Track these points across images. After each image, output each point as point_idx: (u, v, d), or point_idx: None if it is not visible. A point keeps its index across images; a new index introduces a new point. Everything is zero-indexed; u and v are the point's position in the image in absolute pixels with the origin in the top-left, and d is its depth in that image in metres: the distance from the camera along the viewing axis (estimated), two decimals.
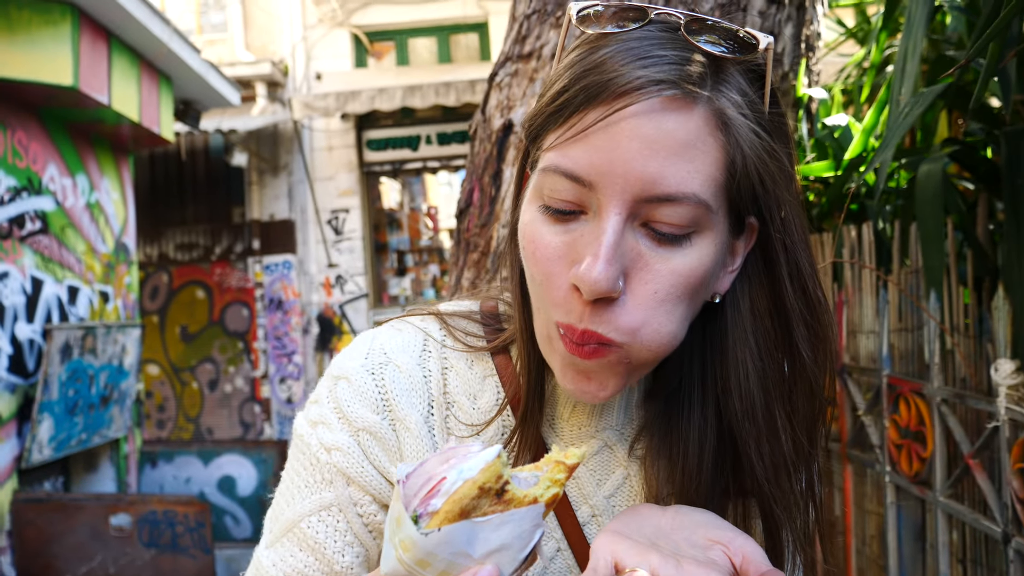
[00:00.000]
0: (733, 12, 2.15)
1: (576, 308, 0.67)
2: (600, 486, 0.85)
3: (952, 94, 1.84)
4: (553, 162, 0.67)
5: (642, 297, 0.66)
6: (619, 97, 0.63)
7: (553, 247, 0.68)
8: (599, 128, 0.64)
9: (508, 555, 0.57)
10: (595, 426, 0.84)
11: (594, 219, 0.66)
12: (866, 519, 2.07)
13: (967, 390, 1.59)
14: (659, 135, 0.63)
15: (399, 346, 0.85)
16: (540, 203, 0.70)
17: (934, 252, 1.60)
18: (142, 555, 4.52)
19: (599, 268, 0.63)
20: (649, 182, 0.63)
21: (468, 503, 0.55)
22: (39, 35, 4.48)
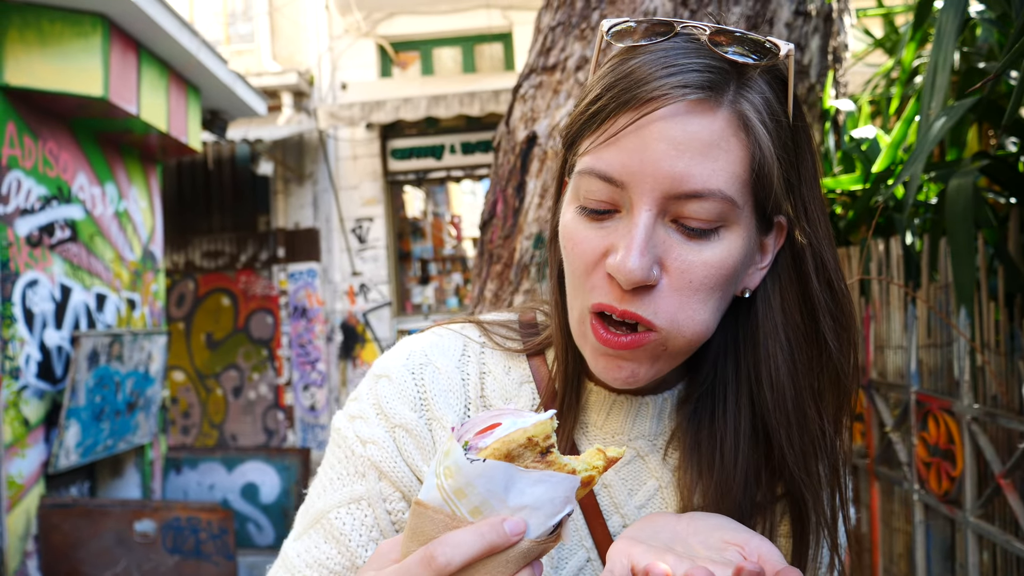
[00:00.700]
0: (760, 24, 2.14)
1: (615, 291, 0.71)
2: (632, 496, 0.86)
3: (983, 107, 1.81)
4: (588, 165, 0.72)
5: (677, 286, 0.70)
6: (647, 103, 0.68)
7: (590, 242, 0.73)
8: (629, 132, 0.69)
9: (537, 516, 0.59)
10: (627, 434, 0.86)
11: (627, 216, 0.71)
12: (894, 537, 2.04)
13: (998, 408, 1.56)
14: (685, 136, 0.68)
15: (440, 349, 0.88)
16: (578, 204, 0.75)
17: (965, 267, 1.57)
18: (166, 561, 4.56)
19: (633, 258, 0.68)
20: (677, 180, 0.68)
21: (515, 448, 0.58)
22: (70, 47, 4.56)
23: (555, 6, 2.32)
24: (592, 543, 0.84)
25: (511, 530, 0.57)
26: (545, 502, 0.59)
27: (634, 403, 0.86)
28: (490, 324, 0.92)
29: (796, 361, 0.77)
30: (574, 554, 0.85)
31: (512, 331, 0.92)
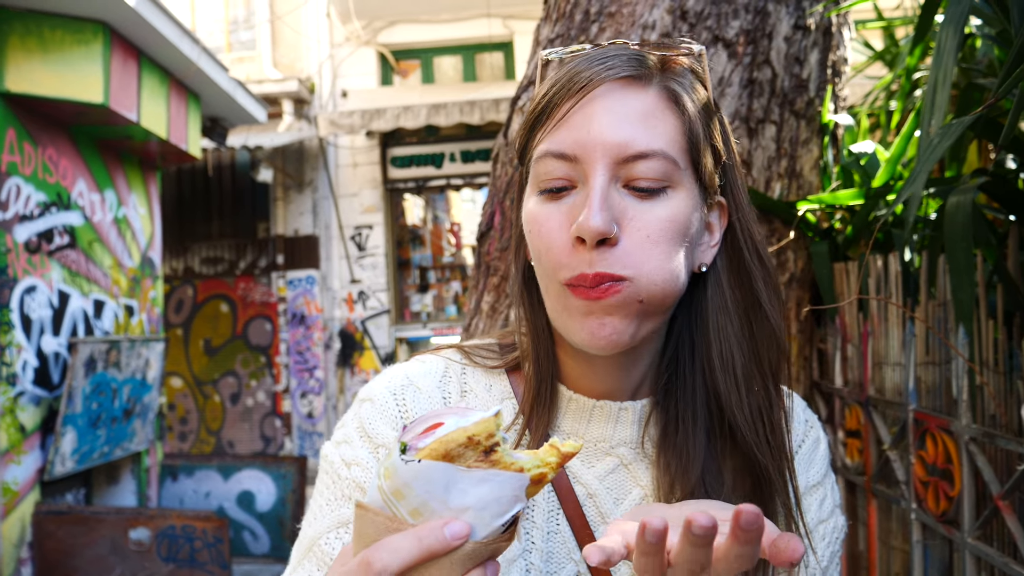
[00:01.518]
0: (759, 38, 2.14)
1: (584, 257, 0.75)
2: (618, 505, 0.86)
3: (982, 124, 1.80)
4: (543, 150, 0.79)
5: (637, 241, 0.76)
6: (586, 87, 0.78)
7: (553, 219, 0.78)
8: (574, 112, 0.77)
9: (482, 517, 0.57)
10: (609, 442, 0.87)
11: (583, 188, 0.77)
12: (891, 555, 2.02)
13: (996, 429, 1.54)
14: (623, 108, 0.77)
15: (421, 372, 0.91)
16: (537, 190, 0.81)
17: (964, 285, 1.56)
18: (160, 569, 4.53)
19: (594, 214, 0.73)
20: (623, 145, 0.76)
21: (454, 448, 0.56)
22: (71, 54, 4.56)
23: (554, 19, 2.32)
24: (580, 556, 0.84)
25: (451, 534, 0.55)
26: (490, 502, 0.57)
27: (613, 409, 0.87)
28: (471, 347, 0.95)
29: (742, 329, 0.83)
30: (563, 568, 0.85)
31: (492, 352, 0.95)
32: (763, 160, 2.16)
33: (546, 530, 0.85)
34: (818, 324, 2.40)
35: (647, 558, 0.57)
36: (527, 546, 0.85)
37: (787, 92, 2.19)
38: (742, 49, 2.15)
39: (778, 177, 2.19)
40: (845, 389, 2.19)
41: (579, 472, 0.87)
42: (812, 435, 0.92)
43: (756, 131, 2.16)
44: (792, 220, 2.14)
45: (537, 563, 0.84)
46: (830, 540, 0.87)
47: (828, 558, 0.87)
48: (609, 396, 0.87)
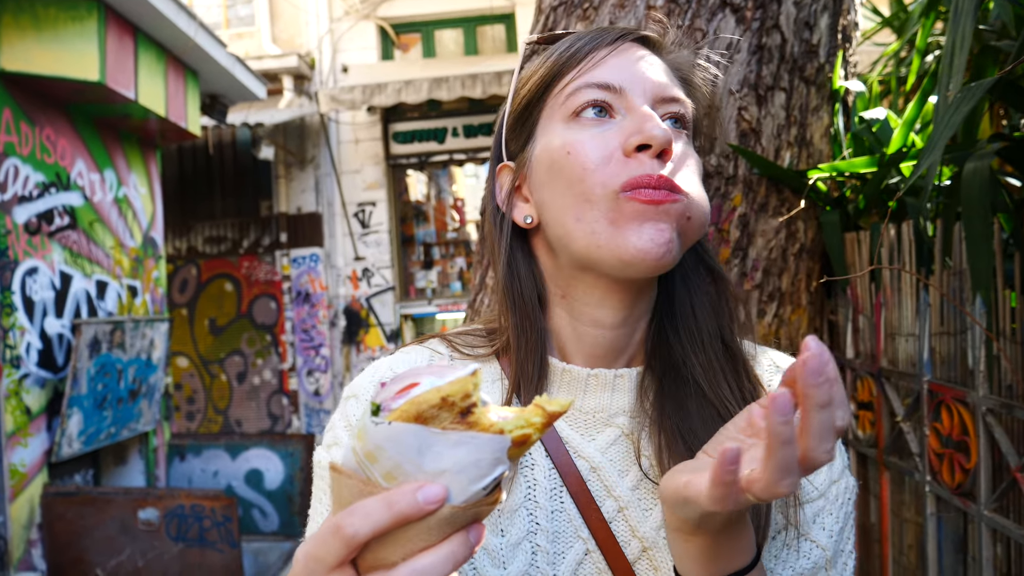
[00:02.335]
0: (767, 3, 2.08)
1: (645, 163, 0.76)
2: (623, 476, 0.83)
3: (1000, 88, 1.75)
4: (583, 82, 0.82)
5: (680, 167, 0.79)
6: (615, 40, 0.85)
7: (599, 138, 0.79)
8: (610, 57, 0.83)
9: (459, 481, 0.54)
10: (608, 411, 0.85)
11: (627, 116, 0.80)
12: (904, 528, 2.00)
13: (1014, 399, 1.51)
14: (652, 61, 0.84)
15: (405, 363, 0.90)
16: (568, 119, 0.82)
17: (981, 253, 1.52)
18: (170, 549, 4.55)
19: (656, 124, 0.77)
20: (661, 87, 0.82)
21: (427, 410, 0.54)
22: (65, 31, 4.50)
23: None
24: (588, 532, 0.81)
25: (425, 499, 0.52)
26: (468, 465, 0.54)
27: (609, 377, 0.85)
28: (455, 336, 0.94)
29: (706, 293, 0.88)
30: (571, 547, 0.82)
31: (479, 337, 0.93)
32: (772, 128, 2.11)
33: (550, 509, 0.83)
34: (829, 295, 2.36)
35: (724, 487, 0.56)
36: (531, 527, 0.82)
37: (797, 58, 2.14)
38: (751, 14, 2.09)
39: (788, 146, 2.14)
40: (857, 361, 2.16)
41: (580, 446, 0.84)
42: None
43: (765, 98, 2.10)
44: (802, 189, 2.09)
45: (544, 544, 0.81)
46: (843, 501, 0.85)
47: (843, 519, 0.84)
48: (603, 365, 0.86)
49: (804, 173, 2.09)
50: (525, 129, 0.87)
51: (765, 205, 2.12)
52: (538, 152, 0.84)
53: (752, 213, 2.11)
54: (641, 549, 0.81)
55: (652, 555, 0.81)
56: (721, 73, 0.91)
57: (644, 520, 0.82)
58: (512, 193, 0.88)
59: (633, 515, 0.82)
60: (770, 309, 2.15)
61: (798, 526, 0.81)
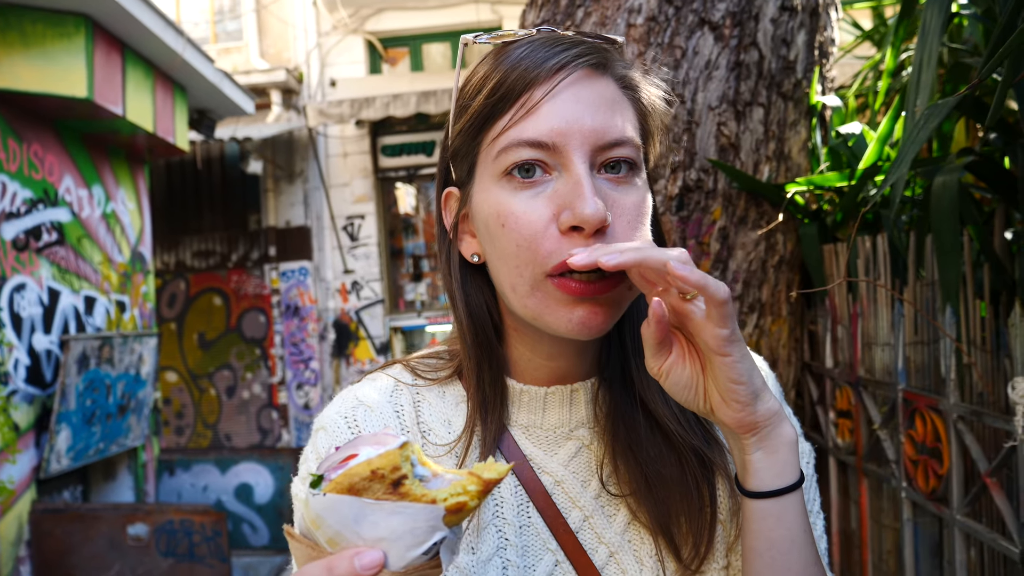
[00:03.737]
0: (745, 20, 2.13)
1: (578, 242, 0.74)
2: (586, 487, 0.87)
3: (969, 104, 1.80)
4: (514, 138, 0.76)
5: (620, 227, 0.77)
6: (555, 74, 0.76)
7: (534, 212, 0.76)
8: (546, 100, 0.76)
9: (397, 547, 0.57)
10: (568, 425, 0.89)
11: (562, 175, 0.76)
12: (883, 533, 2.04)
13: (984, 407, 1.55)
14: (593, 96, 0.77)
15: (370, 391, 0.91)
16: (501, 175, 0.78)
17: (950, 265, 1.57)
18: (159, 564, 4.54)
19: (590, 202, 0.72)
20: (599, 132, 0.76)
21: (358, 482, 0.57)
22: (53, 48, 4.52)
23: (539, 4, 2.31)
24: (557, 544, 0.85)
25: (361, 564, 0.55)
26: (403, 533, 0.57)
27: (566, 392, 0.88)
28: (417, 361, 0.95)
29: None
30: (541, 559, 0.85)
31: (441, 359, 0.95)
32: (751, 143, 2.16)
33: (518, 524, 0.86)
34: (808, 306, 2.41)
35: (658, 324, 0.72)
36: (501, 543, 0.85)
37: (774, 74, 2.19)
38: (728, 32, 2.14)
39: (766, 160, 2.19)
40: (836, 370, 2.20)
41: (543, 462, 0.87)
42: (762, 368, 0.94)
43: (744, 114, 2.15)
44: (781, 202, 2.14)
45: (514, 559, 0.84)
46: (804, 461, 0.90)
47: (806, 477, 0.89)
48: (560, 381, 0.89)
49: (782, 187, 2.14)
50: (466, 161, 0.84)
51: (744, 218, 2.16)
52: (476, 201, 0.82)
53: (732, 226, 2.15)
54: (608, 554, 0.85)
55: (619, 559, 0.85)
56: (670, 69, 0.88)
57: (609, 527, 0.86)
58: (459, 223, 0.87)
59: (598, 523, 0.86)
60: (751, 320, 2.19)
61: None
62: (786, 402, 0.98)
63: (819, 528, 0.89)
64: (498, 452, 0.87)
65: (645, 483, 0.84)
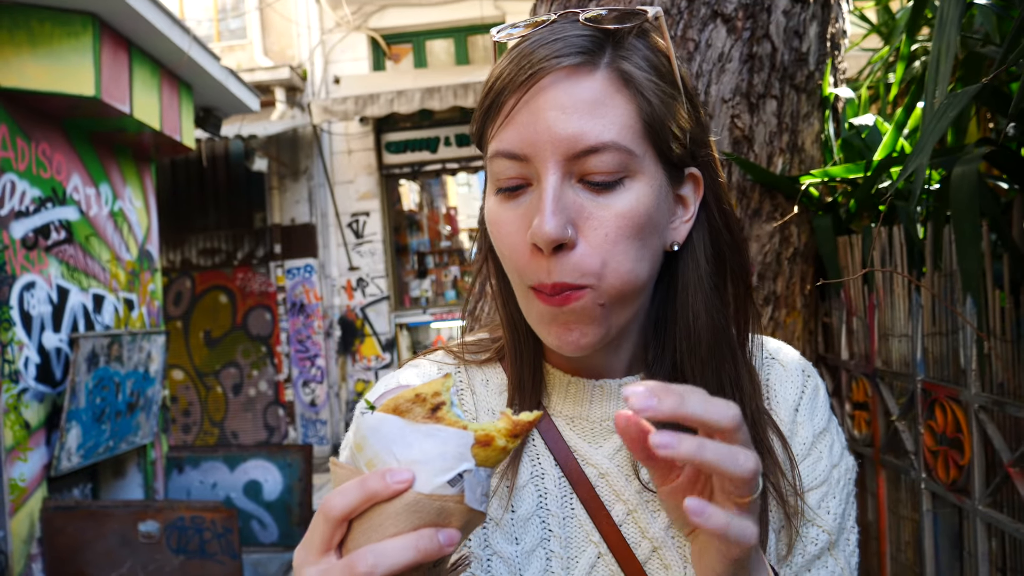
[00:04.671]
0: (758, 13, 2.13)
1: (542, 265, 0.74)
2: (630, 481, 0.86)
3: (986, 94, 1.80)
4: (494, 149, 0.77)
5: (595, 242, 0.73)
6: (531, 78, 0.73)
7: (510, 222, 0.77)
8: (520, 108, 0.74)
9: (426, 471, 0.59)
10: (588, 417, 0.87)
11: (536, 186, 0.75)
12: (901, 525, 2.04)
13: (1005, 396, 1.55)
14: (570, 100, 0.73)
15: (415, 376, 0.92)
16: (495, 188, 0.79)
17: (970, 255, 1.57)
18: (171, 561, 4.55)
19: (547, 219, 0.71)
20: (572, 140, 0.72)
21: (403, 404, 0.61)
22: (61, 47, 4.52)
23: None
24: (600, 536, 0.84)
25: (392, 479, 0.58)
26: (434, 456, 0.59)
27: (613, 387, 0.87)
28: (459, 347, 0.95)
29: (714, 301, 0.83)
30: (583, 551, 0.85)
31: (483, 347, 0.95)
32: (765, 135, 2.16)
33: (561, 516, 0.85)
34: (823, 298, 2.41)
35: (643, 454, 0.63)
36: (544, 534, 0.85)
37: (787, 66, 2.18)
38: (741, 24, 2.14)
39: (780, 152, 2.19)
40: (851, 362, 2.20)
41: (588, 454, 0.87)
42: (811, 383, 0.92)
43: (757, 106, 2.15)
44: (795, 195, 2.14)
45: (557, 550, 0.84)
46: (844, 482, 0.88)
47: (845, 499, 0.88)
48: (606, 375, 0.88)
49: (796, 179, 2.13)
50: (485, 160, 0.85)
51: (759, 211, 2.16)
52: (485, 206, 0.84)
53: (746, 219, 2.15)
54: (651, 549, 0.84)
55: (662, 554, 0.84)
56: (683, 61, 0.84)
57: (653, 522, 0.85)
58: None
59: (642, 517, 0.85)
60: (765, 313, 2.19)
61: (803, 514, 0.85)
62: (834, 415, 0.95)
63: (852, 544, 0.87)
64: (542, 441, 0.87)
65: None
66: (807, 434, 0.88)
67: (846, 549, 0.86)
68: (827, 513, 0.86)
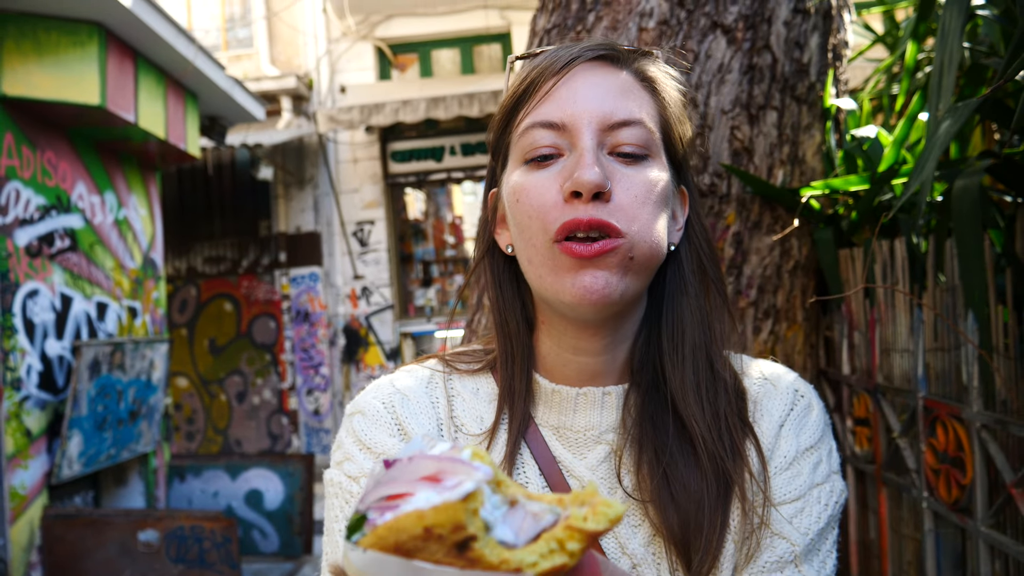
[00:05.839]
0: (758, 23, 2.11)
1: (578, 208, 0.78)
2: (612, 494, 0.86)
3: (988, 106, 1.77)
4: (530, 121, 0.84)
5: (627, 200, 0.80)
6: (567, 64, 0.84)
7: (540, 183, 0.82)
8: (558, 87, 0.83)
9: None
10: (598, 428, 0.88)
11: (570, 154, 0.82)
12: (903, 544, 2.00)
13: (1008, 415, 1.52)
14: (604, 81, 0.84)
15: (407, 380, 0.94)
16: (522, 162, 0.85)
17: (972, 269, 1.54)
18: (170, 571, 4.54)
19: (588, 168, 0.77)
20: (608, 113, 0.82)
21: (407, 540, 0.44)
22: (67, 56, 4.54)
23: (550, 8, 2.29)
24: None
25: None
26: None
27: (598, 395, 0.88)
28: (452, 356, 0.98)
29: (698, 311, 0.89)
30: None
31: (475, 356, 0.97)
32: (765, 147, 2.14)
33: None
34: (824, 312, 2.38)
35: None
36: None
37: (788, 77, 2.16)
38: (741, 35, 2.12)
39: (780, 164, 2.16)
40: (853, 377, 2.17)
41: (572, 465, 0.87)
42: (802, 403, 0.92)
43: (757, 117, 2.13)
44: (795, 207, 2.11)
45: None
46: (827, 502, 0.87)
47: (826, 520, 0.86)
48: (591, 382, 0.89)
49: (797, 191, 2.11)
50: (501, 156, 0.91)
51: (759, 223, 2.14)
52: (503, 185, 0.89)
53: (746, 231, 2.13)
54: (631, 566, 0.84)
55: (641, 571, 0.83)
56: (682, 73, 0.93)
57: (632, 537, 0.84)
58: (497, 217, 0.93)
59: (623, 533, 0.84)
60: (765, 326, 2.16)
61: (770, 525, 0.84)
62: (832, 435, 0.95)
63: (828, 568, 0.86)
64: (527, 450, 0.88)
65: (668, 491, 0.82)
66: (789, 448, 0.88)
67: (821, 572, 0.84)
68: (797, 528, 0.84)
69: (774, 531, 0.83)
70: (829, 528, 0.87)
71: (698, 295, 0.90)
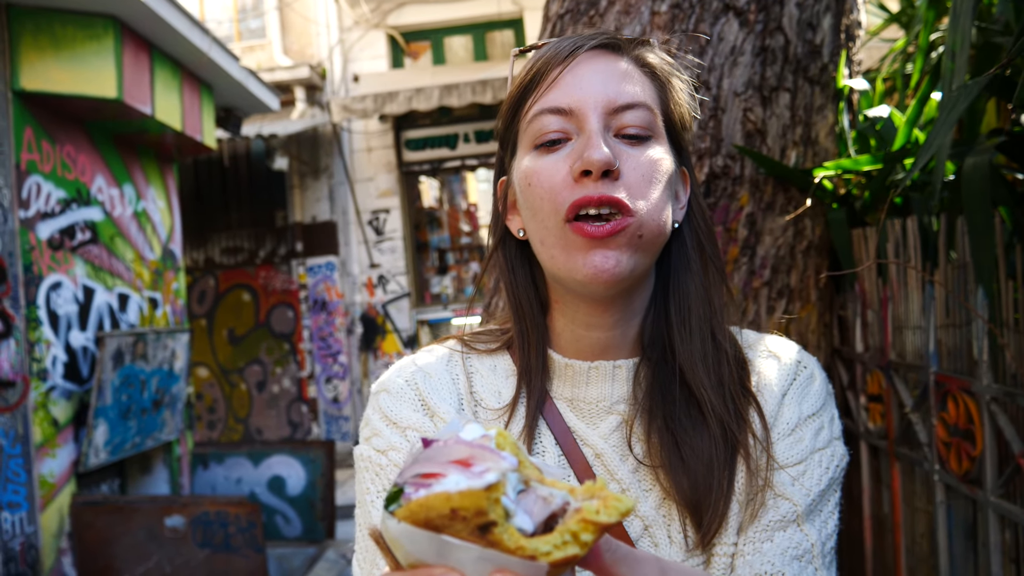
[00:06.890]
0: (770, 5, 2.12)
1: (588, 186, 0.82)
2: (624, 461, 0.91)
3: (999, 84, 1.78)
4: (538, 108, 0.88)
5: (634, 178, 0.84)
6: (571, 54, 0.88)
7: (550, 166, 0.86)
8: (565, 74, 0.87)
9: None
10: (609, 399, 0.93)
11: (579, 136, 0.85)
12: (916, 517, 2.03)
13: (1017, 388, 1.55)
14: (606, 68, 0.88)
15: (428, 359, 0.99)
16: (531, 147, 0.89)
17: (983, 247, 1.56)
18: (196, 555, 4.63)
19: (598, 148, 0.81)
20: (612, 97, 0.85)
21: (436, 518, 0.49)
22: (83, 50, 4.60)
23: None
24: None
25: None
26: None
27: (609, 368, 0.93)
28: (471, 336, 1.03)
29: (701, 286, 0.93)
30: None
31: (492, 336, 1.02)
32: (778, 128, 2.15)
33: None
34: (837, 291, 2.40)
35: None
36: None
37: (800, 58, 2.18)
38: (753, 16, 2.13)
39: (793, 145, 2.18)
40: (866, 354, 2.19)
41: (585, 434, 0.92)
42: (804, 373, 0.97)
43: (770, 99, 2.15)
44: (809, 188, 2.13)
45: None
46: (828, 466, 0.91)
47: (827, 482, 0.90)
48: (603, 356, 0.93)
49: (810, 172, 2.13)
50: (510, 145, 0.95)
51: (772, 204, 2.16)
52: (513, 172, 0.93)
53: (759, 212, 2.15)
54: (643, 528, 0.88)
55: (652, 532, 0.88)
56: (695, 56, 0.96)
57: (644, 500, 0.89)
58: (508, 203, 0.97)
59: (634, 496, 0.89)
60: (779, 306, 2.19)
61: (773, 487, 0.87)
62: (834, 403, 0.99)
63: (829, 528, 0.89)
64: (544, 422, 0.92)
65: (678, 455, 0.87)
66: (791, 416, 0.92)
67: (823, 531, 0.88)
68: (800, 489, 0.88)
69: (777, 492, 0.87)
70: (831, 490, 0.90)
71: (700, 271, 0.94)
